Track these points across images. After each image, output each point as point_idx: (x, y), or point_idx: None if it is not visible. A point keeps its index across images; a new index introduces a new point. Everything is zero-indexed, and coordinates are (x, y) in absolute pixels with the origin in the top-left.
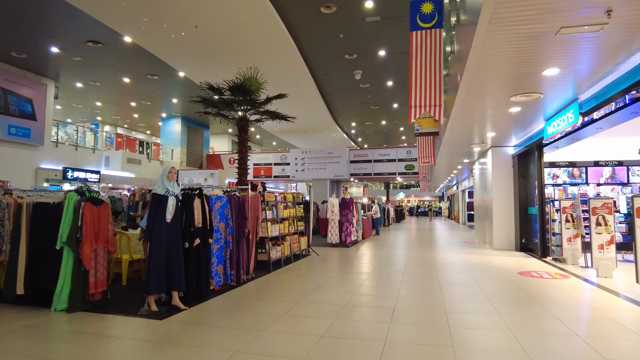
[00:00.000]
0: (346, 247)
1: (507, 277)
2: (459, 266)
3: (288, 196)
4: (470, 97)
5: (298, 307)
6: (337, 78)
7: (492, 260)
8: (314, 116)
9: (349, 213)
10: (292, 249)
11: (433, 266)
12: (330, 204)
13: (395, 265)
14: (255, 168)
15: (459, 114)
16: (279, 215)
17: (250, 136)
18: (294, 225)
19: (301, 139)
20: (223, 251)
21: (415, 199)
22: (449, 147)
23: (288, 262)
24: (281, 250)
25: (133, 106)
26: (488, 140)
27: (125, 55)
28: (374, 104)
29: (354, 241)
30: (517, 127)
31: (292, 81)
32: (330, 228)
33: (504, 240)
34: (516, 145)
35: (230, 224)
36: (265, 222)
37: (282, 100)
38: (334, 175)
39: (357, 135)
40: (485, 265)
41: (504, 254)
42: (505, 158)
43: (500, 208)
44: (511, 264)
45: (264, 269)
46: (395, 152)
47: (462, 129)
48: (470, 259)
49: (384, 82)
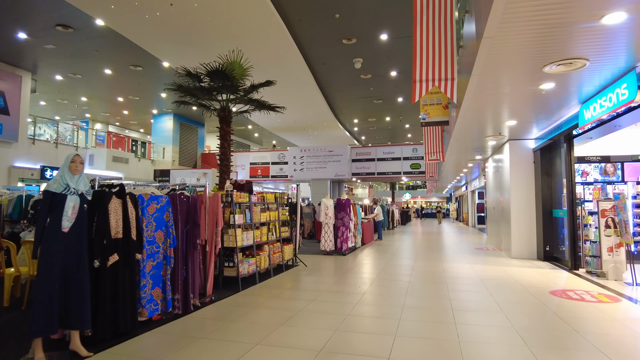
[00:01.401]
0: (342, 256)
1: (537, 299)
2: (474, 282)
3: (268, 197)
4: (490, 70)
5: (251, 354)
6: (335, 67)
7: (512, 272)
8: (313, 112)
9: (345, 216)
10: (273, 260)
11: (442, 282)
12: (323, 205)
13: (397, 280)
14: (252, 167)
15: (475, 94)
16: (254, 220)
17: (248, 134)
18: (275, 231)
19: (301, 137)
20: (161, 269)
21: (422, 200)
22: (460, 141)
23: (266, 276)
24: (256, 262)
25: (121, 102)
26: (505, 132)
27: (101, 43)
28: (376, 98)
29: (352, 248)
30: (542, 113)
31: (287, 72)
32: (324, 233)
33: (524, 247)
34: (538, 137)
35: (172, 232)
36: (234, 228)
37: (278, 94)
38: (335, 175)
39: (360, 133)
40: (506, 280)
41: (525, 264)
42: (525, 153)
43: (519, 210)
44: (537, 278)
45: (232, 288)
46: (400, 149)
47: (477, 117)
48: (487, 271)
49: (387, 72)
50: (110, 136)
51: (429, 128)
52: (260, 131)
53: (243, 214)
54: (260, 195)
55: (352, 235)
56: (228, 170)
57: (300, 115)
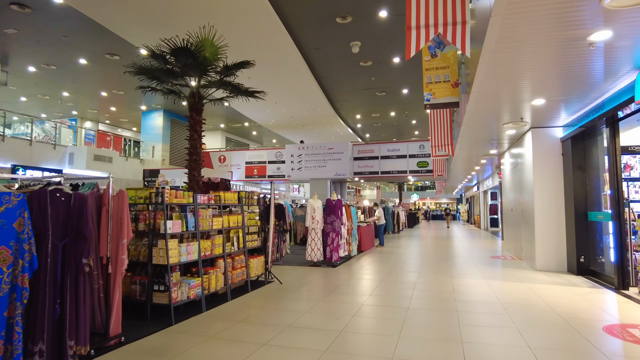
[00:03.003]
0: (332, 267)
1: (591, 343)
2: (494, 309)
3: (227, 196)
4: (514, 14)
5: None
6: (330, 53)
7: (542, 293)
8: (311, 106)
9: (336, 220)
10: (232, 278)
11: (451, 309)
12: (309, 207)
13: (393, 306)
14: (247, 167)
15: (492, 61)
16: (201, 227)
17: (246, 132)
18: (238, 240)
19: (301, 135)
20: (4, 307)
21: (431, 201)
22: (472, 129)
23: (221, 300)
24: (199, 285)
25: (106, 97)
26: (527, 116)
27: (67, 27)
28: (379, 89)
29: (345, 257)
30: (578, 87)
31: (276, 57)
32: (310, 241)
33: (551, 257)
34: (567, 124)
35: (28, 249)
36: (165, 239)
37: (269, 84)
38: (335, 174)
39: (364, 130)
40: (537, 307)
41: (554, 279)
42: (551, 143)
43: (544, 212)
44: (578, 303)
45: (164, 321)
46: (406, 146)
47: (493, 96)
48: (508, 291)
49: (389, 58)
50: (107, 136)
51: (436, 117)
52: (259, 129)
53: (182, 220)
54: (215, 195)
55: (344, 243)
56: (198, 166)
57: (297, 110)
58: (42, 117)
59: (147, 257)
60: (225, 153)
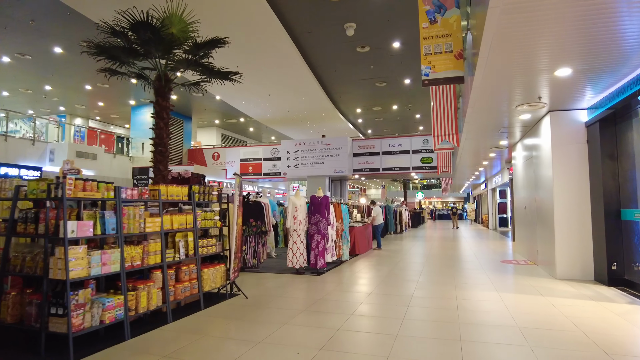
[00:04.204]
0: (316, 275)
1: None
2: (511, 336)
3: (172, 190)
4: None
5: None
6: (323, 37)
7: (570, 311)
8: (307, 99)
9: (322, 220)
10: (176, 293)
11: (454, 338)
12: (291, 205)
13: (378, 332)
14: (242, 164)
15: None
16: (125, 230)
17: (242, 128)
18: (184, 247)
19: (300, 130)
20: None
21: (437, 200)
22: (480, 114)
23: (159, 321)
24: (120, 305)
25: (91, 91)
26: (545, 95)
27: (32, 9)
28: (379, 79)
29: (335, 262)
30: (610, 54)
31: (265, 42)
32: (292, 244)
33: (574, 263)
34: (593, 106)
35: None
36: (64, 246)
37: (259, 74)
38: (334, 171)
39: (365, 125)
40: (567, 333)
41: (581, 291)
42: (574, 128)
43: (566, 210)
44: (618, 325)
45: (62, 356)
46: (409, 141)
47: (505, 66)
48: (527, 309)
49: (387, 43)
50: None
51: (439, 102)
52: (256, 125)
53: (96, 220)
54: (153, 189)
55: (332, 246)
56: (165, 158)
57: (293, 103)
58: (53, 119)
59: None
60: (220, 150)
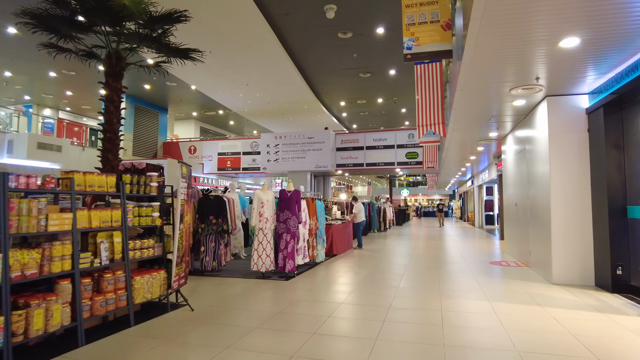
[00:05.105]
0: (284, 280)
1: None
2: None
3: (91, 180)
4: None
5: None
6: (302, 20)
7: (575, 326)
8: (288, 90)
9: (291, 217)
10: (94, 308)
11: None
12: (256, 200)
13: (344, 356)
14: (220, 158)
15: None
16: (8, 230)
17: (221, 121)
18: (106, 250)
19: (283, 125)
20: None
21: (422, 197)
22: (469, 99)
23: (67, 345)
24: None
25: (56, 78)
26: (543, 77)
27: None
28: (363, 70)
29: (309, 264)
30: (624, 25)
31: (239, 25)
32: (257, 245)
33: (573, 266)
34: (595, 90)
35: None
36: None
37: (235, 60)
38: (316, 166)
39: (350, 119)
40: (577, 357)
41: (583, 299)
42: (574, 115)
43: (564, 207)
44: (635, 345)
45: None
46: (394, 136)
47: (503, 33)
48: (525, 324)
49: (371, 29)
50: (72, 125)
51: (424, 86)
52: (236, 118)
53: None
54: (64, 178)
55: (303, 247)
56: (115, 147)
57: (273, 94)
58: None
59: None
60: (196, 143)
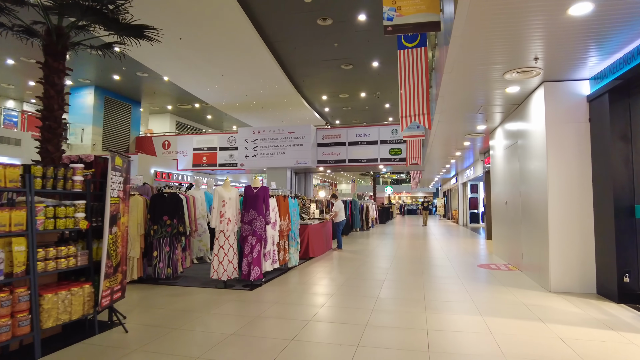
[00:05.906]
0: (248, 290)
1: None
2: None
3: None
4: None
5: None
6: (278, 3)
7: (587, 352)
8: (266, 81)
9: (258, 218)
10: None
11: None
12: (216, 199)
13: None
14: (195, 154)
15: None
16: None
17: (198, 115)
18: (4, 260)
19: (263, 119)
20: None
21: (406, 195)
22: (458, 84)
23: None
24: None
25: (15, 67)
26: (541, 57)
27: None
28: (345, 61)
29: (281, 270)
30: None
31: (209, 7)
32: (218, 249)
33: (573, 273)
34: (597, 75)
35: None
36: None
37: (208, 48)
38: (296, 163)
39: (333, 115)
40: None
41: (588, 311)
42: (574, 103)
43: (562, 206)
44: None
45: None
46: (377, 131)
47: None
48: (528, 350)
49: (352, 16)
50: (25, 116)
51: (408, 72)
52: (214, 112)
53: None
54: None
55: (273, 251)
56: (56, 137)
57: (250, 86)
58: None
59: None
60: (170, 138)
